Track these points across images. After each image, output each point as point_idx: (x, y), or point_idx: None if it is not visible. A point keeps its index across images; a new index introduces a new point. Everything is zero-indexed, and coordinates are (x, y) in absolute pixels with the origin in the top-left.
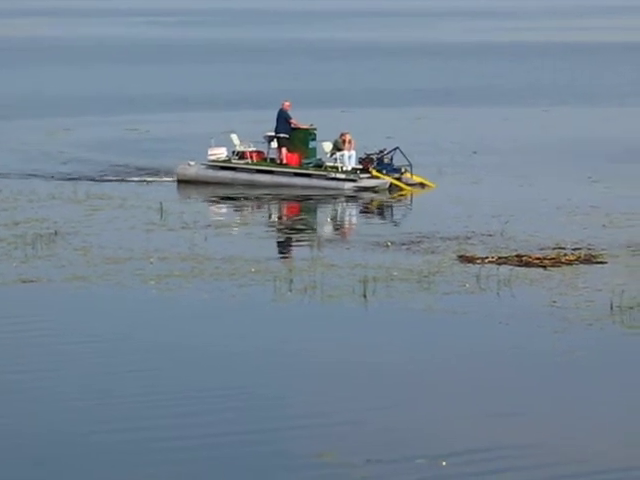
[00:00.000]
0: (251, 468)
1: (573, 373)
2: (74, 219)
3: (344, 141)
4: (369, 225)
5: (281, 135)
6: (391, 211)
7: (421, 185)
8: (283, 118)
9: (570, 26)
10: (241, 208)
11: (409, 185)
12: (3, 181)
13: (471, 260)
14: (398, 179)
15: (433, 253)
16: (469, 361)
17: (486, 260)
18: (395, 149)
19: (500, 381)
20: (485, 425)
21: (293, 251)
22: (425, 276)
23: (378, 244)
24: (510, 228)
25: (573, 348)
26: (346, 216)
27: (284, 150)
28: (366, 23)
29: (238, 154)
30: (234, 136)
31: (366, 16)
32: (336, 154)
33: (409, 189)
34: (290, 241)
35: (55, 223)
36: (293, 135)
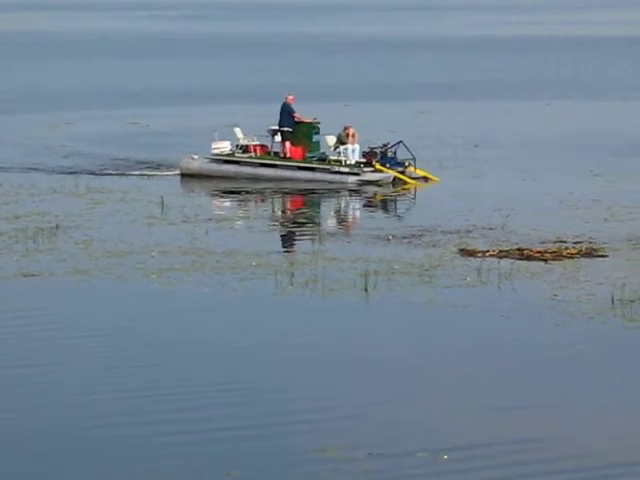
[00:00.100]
0: (252, 462)
1: (574, 366)
2: (75, 213)
3: (348, 135)
4: (371, 219)
5: (285, 129)
6: (394, 205)
7: (425, 179)
8: (287, 112)
9: (573, 20)
10: (243, 202)
11: (413, 179)
12: (4, 175)
13: (472, 253)
14: (402, 173)
15: (434, 247)
16: (470, 354)
17: (487, 253)
18: (399, 143)
19: (501, 374)
20: (486, 418)
21: (294, 245)
22: (426, 269)
23: (379, 238)
24: (511, 222)
25: (574, 341)
26: (349, 210)
27: (288, 144)
28: (370, 17)
29: (242, 148)
30: (238, 130)
31: (370, 10)
32: (340, 148)
33: (413, 183)
34: (292, 235)
35: (56, 217)
36: (297, 129)
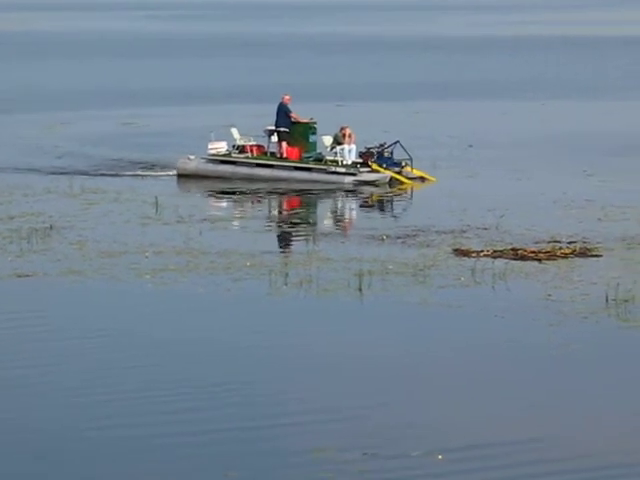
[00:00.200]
0: (249, 463)
1: (568, 366)
2: (69, 213)
3: (344, 135)
4: (366, 219)
5: (281, 129)
6: (390, 205)
7: (421, 179)
8: (283, 112)
9: (572, 19)
10: (238, 202)
11: (409, 179)
12: None
13: (466, 253)
14: (398, 173)
15: (428, 247)
16: (464, 354)
17: (481, 253)
18: (395, 143)
19: (495, 374)
20: (480, 418)
21: (289, 245)
22: (420, 269)
23: (373, 238)
24: (505, 222)
25: (568, 341)
26: (344, 210)
27: (284, 144)
28: (368, 17)
29: (238, 148)
30: (234, 130)
31: (368, 10)
32: (336, 148)
33: (409, 183)
34: (286, 235)
35: (50, 217)
36: (293, 129)
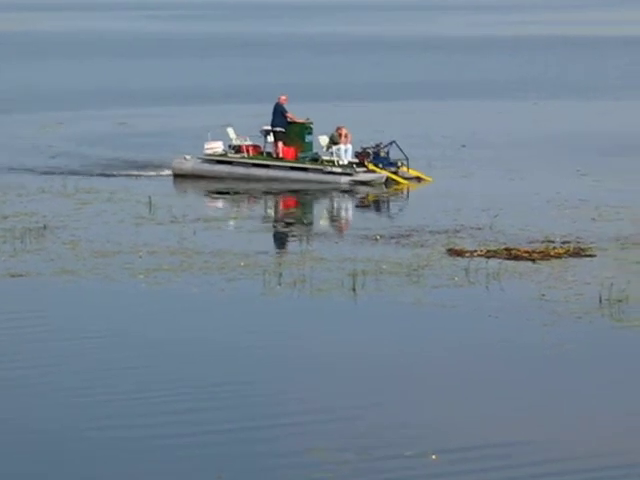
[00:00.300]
0: (242, 464)
1: (562, 366)
2: (63, 213)
3: (340, 135)
4: (361, 219)
5: (277, 129)
6: (386, 205)
7: (418, 179)
8: (279, 112)
9: (571, 20)
10: (233, 202)
11: (405, 179)
12: None
13: (460, 253)
14: (394, 173)
15: (422, 246)
16: (458, 354)
17: (475, 253)
18: (391, 143)
19: (489, 374)
20: (474, 418)
21: (283, 245)
22: (414, 269)
23: (367, 238)
24: (499, 221)
25: (562, 341)
26: (340, 210)
27: (280, 144)
28: (368, 17)
29: (234, 148)
30: (230, 130)
31: (368, 10)
32: (332, 148)
33: (405, 183)
34: (280, 235)
35: (44, 217)
36: (289, 129)
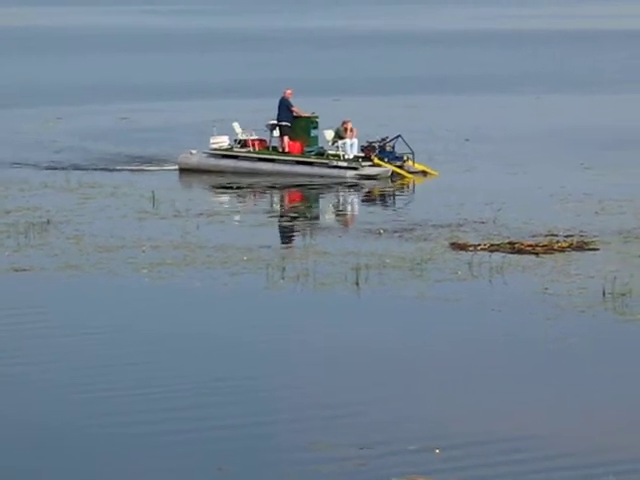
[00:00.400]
0: (244, 457)
1: (565, 360)
2: (67, 208)
3: (346, 129)
4: (366, 213)
5: (283, 123)
6: (391, 199)
7: (423, 173)
8: (285, 106)
9: (572, 13)
10: (238, 196)
11: (411, 173)
12: None
13: (463, 247)
14: (400, 167)
15: (425, 240)
16: (461, 348)
17: (478, 247)
18: (397, 137)
19: (492, 368)
20: (478, 412)
21: (286, 239)
22: (417, 263)
23: (371, 232)
24: (502, 215)
25: (565, 335)
26: (344, 204)
27: (286, 138)
28: (368, 11)
29: (240, 142)
30: (236, 124)
31: (368, 4)
32: (338, 142)
33: (411, 177)
34: (283, 229)
35: (48, 212)
36: (295, 123)
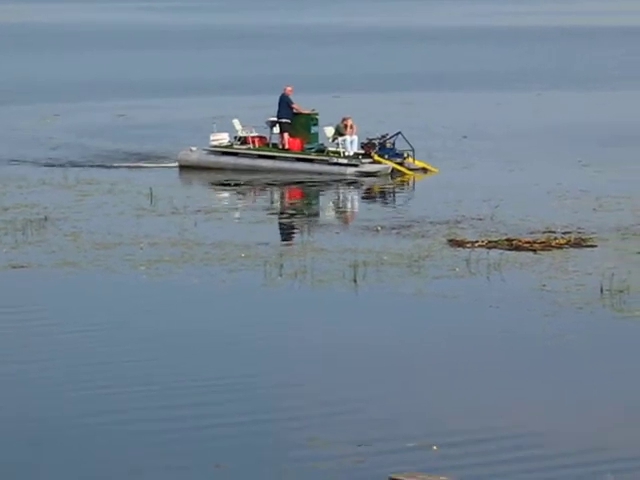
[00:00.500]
0: (241, 454)
1: (563, 357)
2: (64, 205)
3: (346, 126)
4: (365, 210)
5: (283, 120)
6: (390, 196)
7: (424, 170)
8: (285, 103)
9: (569, 10)
10: (235, 193)
11: (411, 170)
12: None
13: (461, 244)
14: (400, 164)
15: (423, 237)
16: (459, 345)
17: (476, 244)
18: (397, 134)
19: (490, 365)
20: (475, 409)
21: (284, 236)
22: (415, 260)
23: (368, 229)
24: (500, 212)
25: (563, 332)
26: (344, 201)
27: (286, 135)
28: (364, 7)
29: (240, 139)
30: (236, 121)
31: (364, 0)
32: (338, 139)
33: (411, 174)
34: (281, 226)
35: (45, 209)
36: (295, 120)
